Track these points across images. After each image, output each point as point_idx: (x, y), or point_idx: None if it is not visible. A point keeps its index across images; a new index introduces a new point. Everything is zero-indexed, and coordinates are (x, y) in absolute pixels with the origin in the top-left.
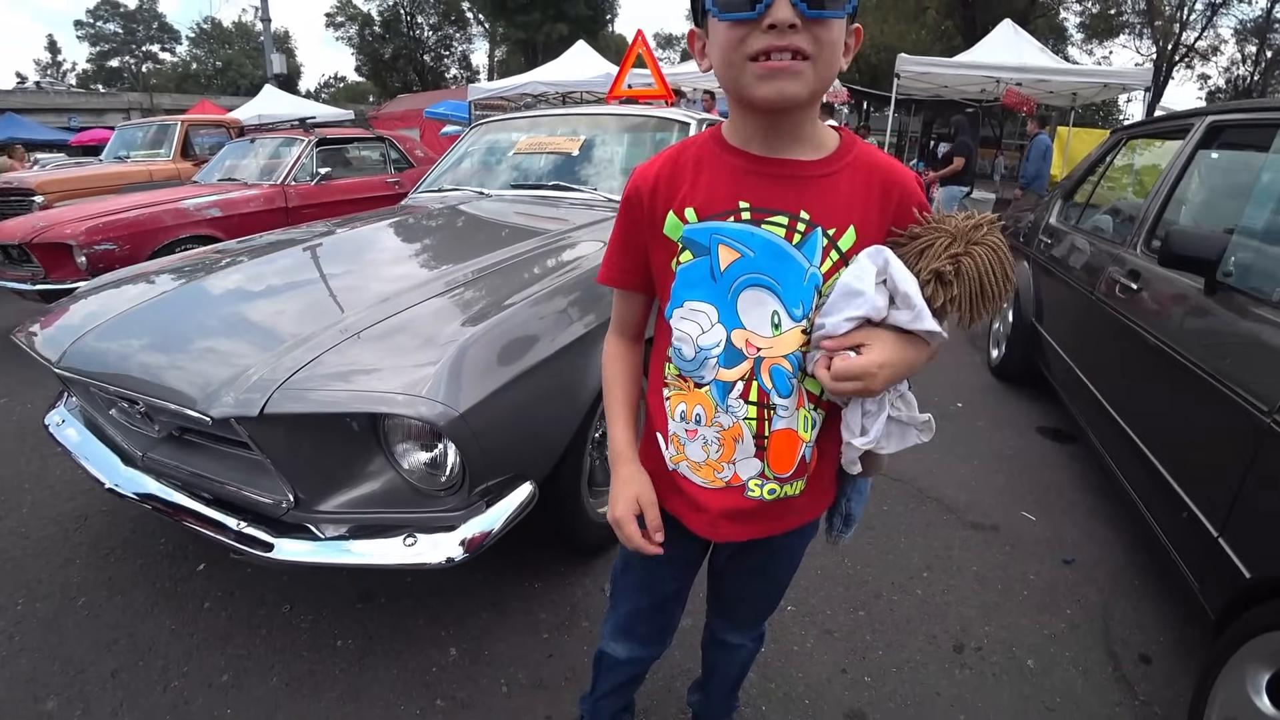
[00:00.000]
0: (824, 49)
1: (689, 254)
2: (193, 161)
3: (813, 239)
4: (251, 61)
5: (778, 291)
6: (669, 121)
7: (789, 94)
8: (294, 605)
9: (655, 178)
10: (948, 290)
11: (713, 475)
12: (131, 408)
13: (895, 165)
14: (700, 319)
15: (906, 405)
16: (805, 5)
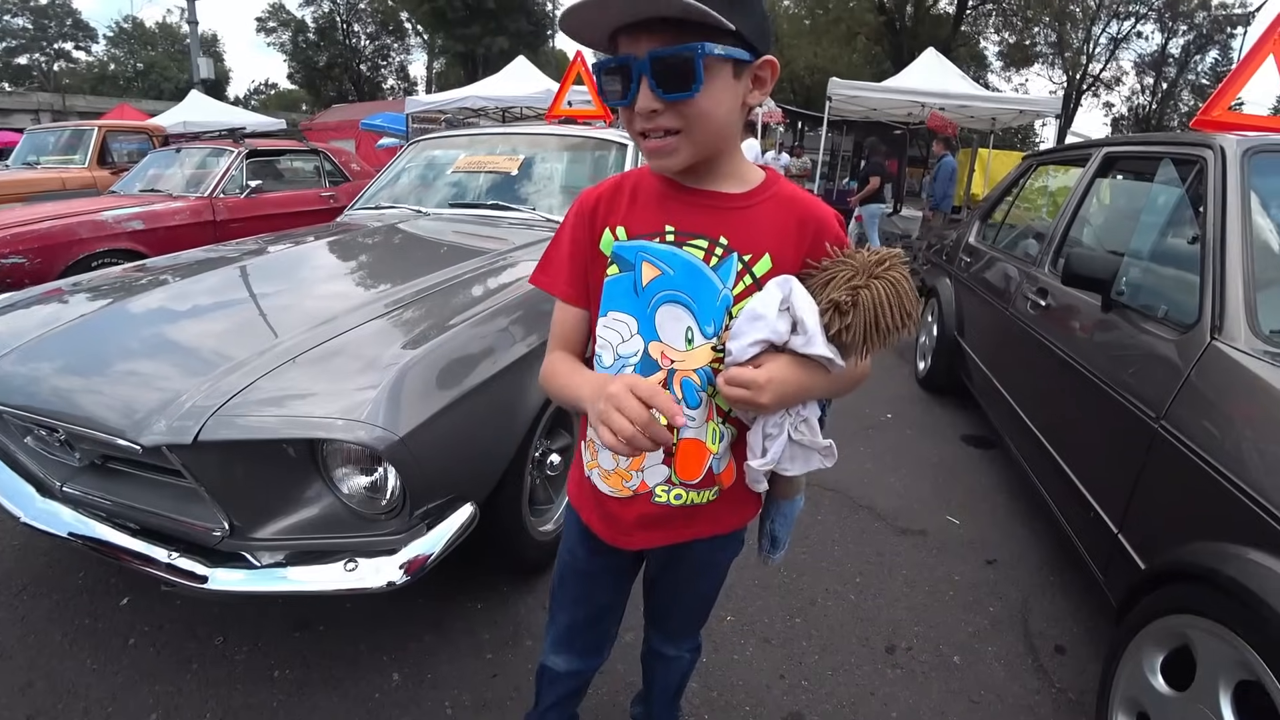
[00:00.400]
0: (693, 121)
1: (616, 268)
2: (111, 170)
3: (728, 263)
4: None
5: (693, 309)
6: (607, 142)
7: (668, 167)
8: (227, 637)
9: (598, 197)
10: (844, 319)
11: (620, 484)
12: (50, 436)
13: (813, 201)
14: (621, 329)
15: (809, 430)
16: (661, 91)
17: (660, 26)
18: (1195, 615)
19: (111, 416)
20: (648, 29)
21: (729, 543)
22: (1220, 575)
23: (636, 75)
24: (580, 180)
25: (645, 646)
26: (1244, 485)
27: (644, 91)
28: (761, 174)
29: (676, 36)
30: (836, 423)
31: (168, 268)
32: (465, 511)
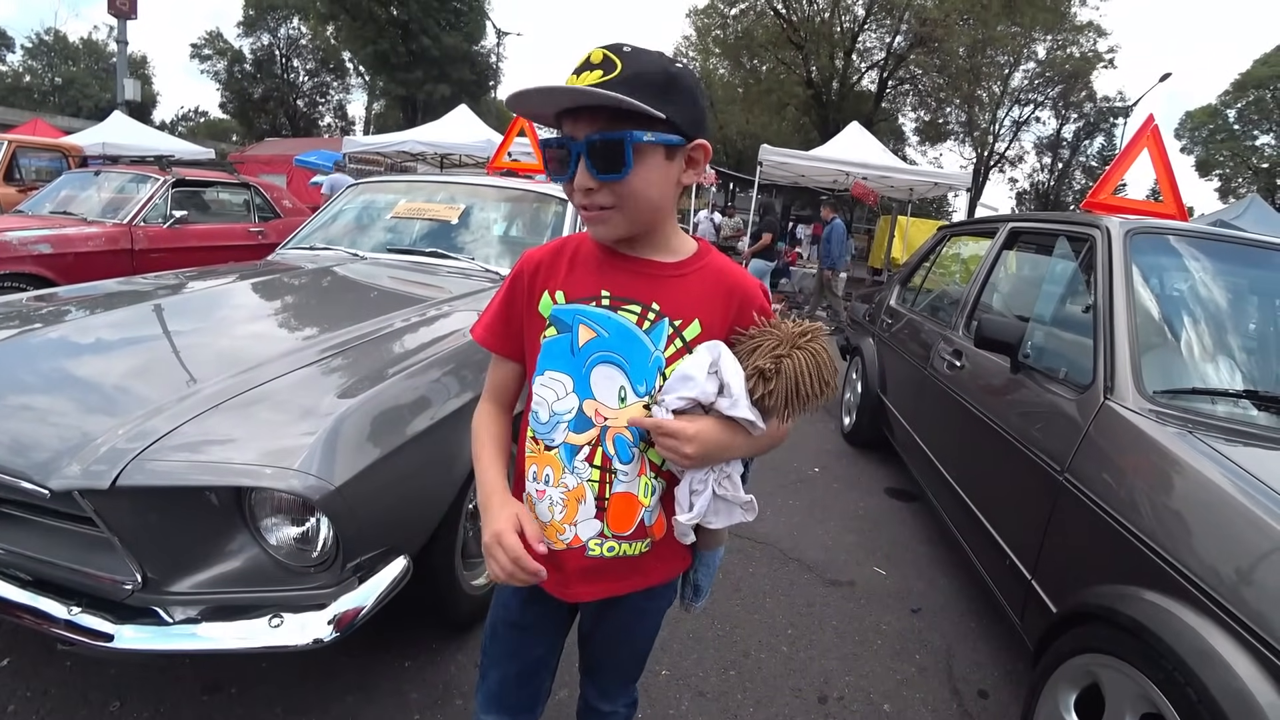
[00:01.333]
0: (625, 198)
1: (553, 330)
2: (18, 187)
3: (660, 327)
4: (99, 83)
5: (626, 369)
6: (547, 197)
7: (605, 236)
8: (124, 701)
9: (538, 261)
10: (766, 385)
11: (555, 537)
12: None
13: (741, 273)
14: (557, 387)
15: (732, 485)
16: (595, 171)
17: (598, 113)
18: (1101, 654)
19: (17, 458)
20: (588, 114)
21: (661, 593)
22: (1120, 615)
23: (575, 155)
24: (519, 232)
25: (580, 703)
26: (1137, 531)
27: (581, 171)
28: (694, 245)
29: (611, 123)
30: (767, 476)
31: (82, 298)
32: (399, 564)
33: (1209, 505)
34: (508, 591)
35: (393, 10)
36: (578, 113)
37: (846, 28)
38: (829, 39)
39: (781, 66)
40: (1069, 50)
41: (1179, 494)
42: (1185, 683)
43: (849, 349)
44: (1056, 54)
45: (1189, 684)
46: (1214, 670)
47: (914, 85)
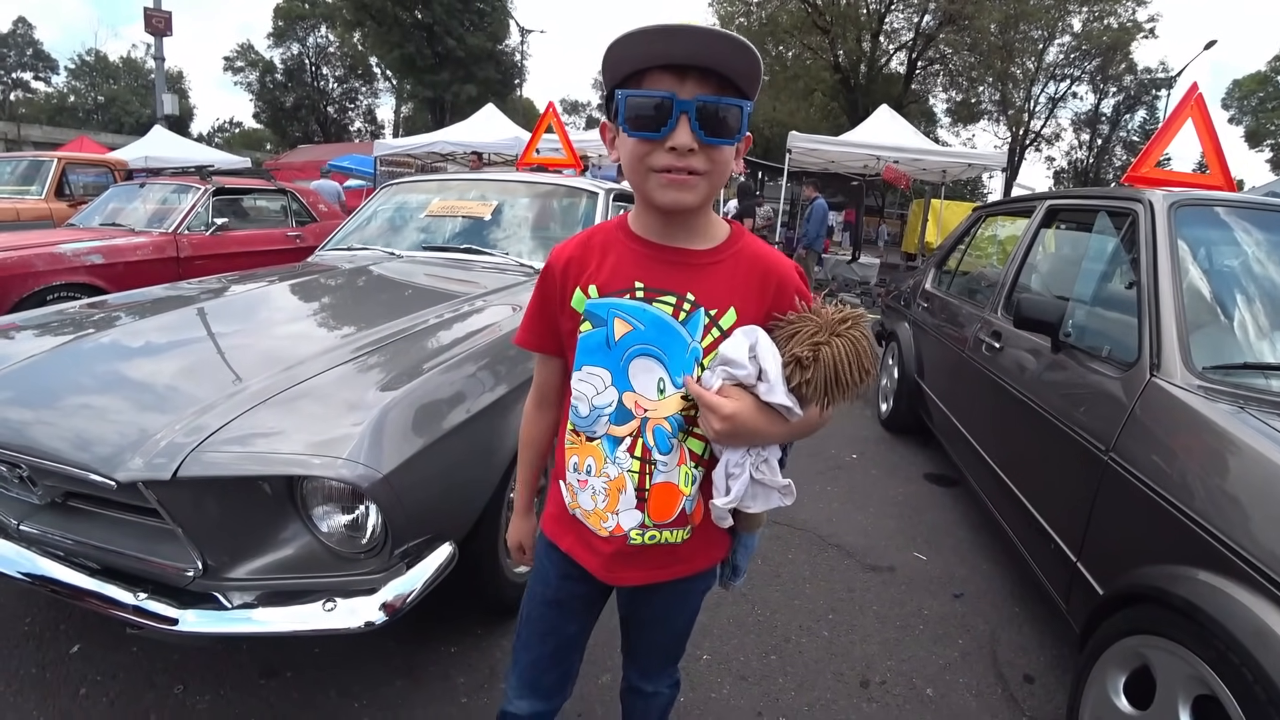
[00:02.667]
0: (716, 167)
1: (589, 324)
2: (69, 202)
3: (696, 317)
4: (139, 99)
5: (664, 361)
6: (577, 190)
7: (684, 203)
8: (188, 685)
9: (568, 258)
10: (804, 373)
11: (599, 524)
12: (10, 472)
13: (776, 257)
14: (596, 381)
15: (770, 470)
16: (703, 133)
17: (708, 76)
18: (1152, 635)
19: (84, 453)
20: (699, 75)
21: (701, 577)
22: (1172, 596)
23: (679, 113)
24: (551, 225)
25: (624, 684)
26: (1188, 510)
27: (685, 130)
28: (727, 229)
29: (720, 89)
30: (804, 463)
31: (134, 305)
32: (444, 551)
33: (1265, 483)
34: (545, 569)
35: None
36: (685, 71)
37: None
38: (855, 21)
39: (807, 52)
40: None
41: (1233, 472)
42: (1240, 663)
43: (884, 334)
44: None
45: (1244, 664)
46: (1271, 649)
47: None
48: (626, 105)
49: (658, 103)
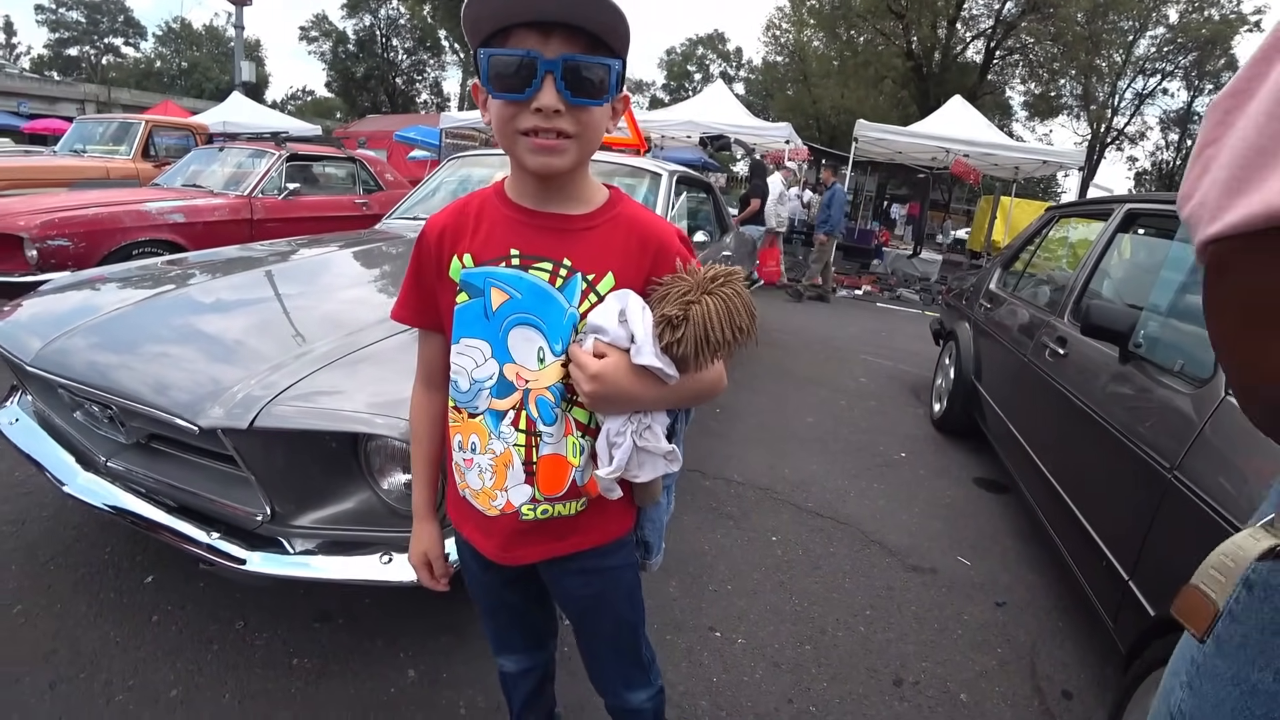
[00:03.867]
0: (586, 129)
1: (465, 295)
2: (154, 163)
3: (573, 283)
4: (219, 66)
5: (542, 329)
6: (640, 171)
7: (554, 168)
8: (248, 622)
9: (442, 226)
10: (674, 333)
11: (488, 503)
12: (101, 412)
13: (655, 221)
14: (475, 354)
15: (653, 436)
16: (569, 93)
17: (575, 34)
18: None
19: (171, 398)
20: (565, 32)
21: (613, 551)
22: None
23: (542, 73)
24: None
25: (607, 705)
26: None
27: (549, 90)
28: (605, 193)
29: (589, 47)
30: (851, 458)
31: (210, 264)
32: None
33: None
34: (466, 557)
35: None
36: (549, 28)
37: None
38: (932, 7)
39: (880, 37)
40: (1207, 13)
41: None
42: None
43: (943, 333)
44: (1191, 17)
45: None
46: None
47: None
48: (489, 65)
49: (520, 62)
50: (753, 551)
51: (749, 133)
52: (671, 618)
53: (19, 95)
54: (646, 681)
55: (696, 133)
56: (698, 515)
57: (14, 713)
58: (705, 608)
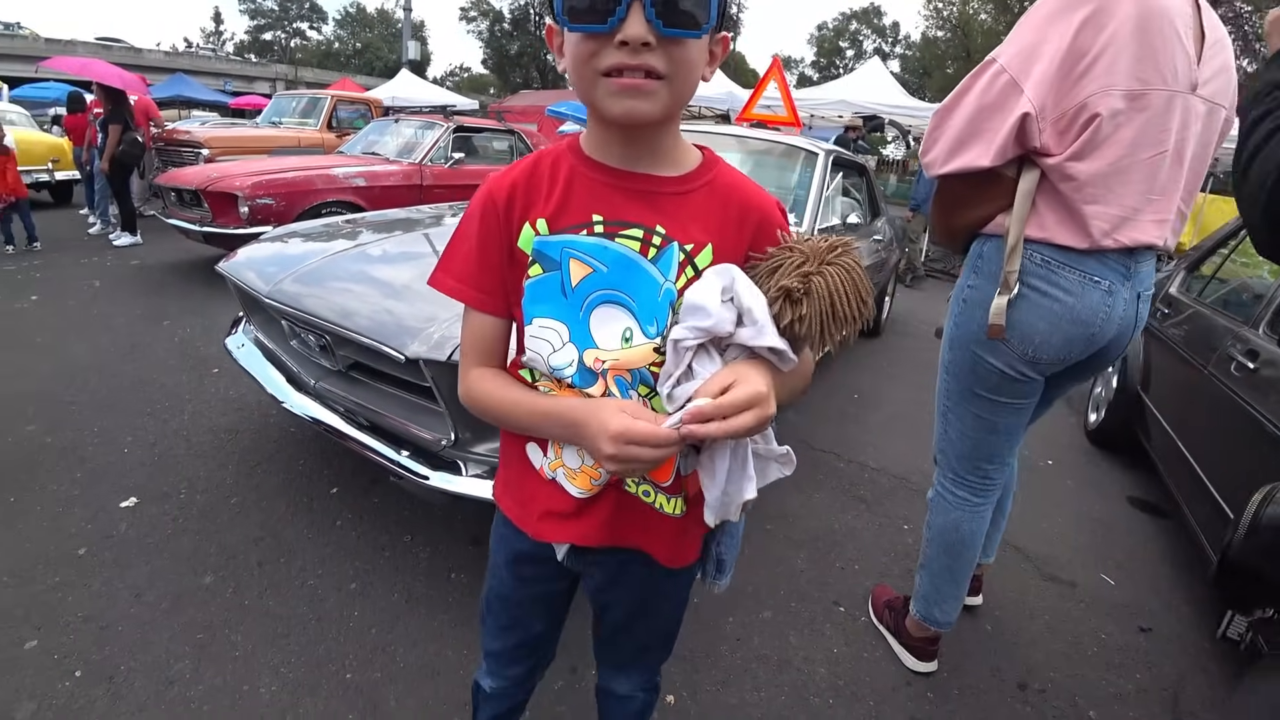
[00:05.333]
0: (679, 68)
1: (539, 268)
2: (336, 133)
3: (668, 253)
4: (388, 45)
5: (631, 308)
6: (795, 149)
7: (639, 114)
8: (414, 537)
9: (512, 185)
10: (796, 309)
11: (589, 483)
12: (315, 341)
13: (756, 189)
14: (551, 336)
15: (764, 438)
16: (661, 23)
17: None
18: None
19: (381, 330)
20: None
21: (683, 572)
22: None
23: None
24: (769, 184)
25: (598, 685)
26: None
27: (637, 18)
28: (699, 155)
29: None
30: None
31: (390, 222)
32: None
33: None
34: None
35: None
36: None
37: None
38: None
39: None
40: None
41: None
42: None
43: None
44: None
45: None
46: None
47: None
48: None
49: None
50: (883, 536)
51: (905, 113)
52: (797, 588)
53: (225, 75)
54: (650, 676)
55: (849, 112)
56: (830, 495)
57: (230, 580)
58: (831, 582)
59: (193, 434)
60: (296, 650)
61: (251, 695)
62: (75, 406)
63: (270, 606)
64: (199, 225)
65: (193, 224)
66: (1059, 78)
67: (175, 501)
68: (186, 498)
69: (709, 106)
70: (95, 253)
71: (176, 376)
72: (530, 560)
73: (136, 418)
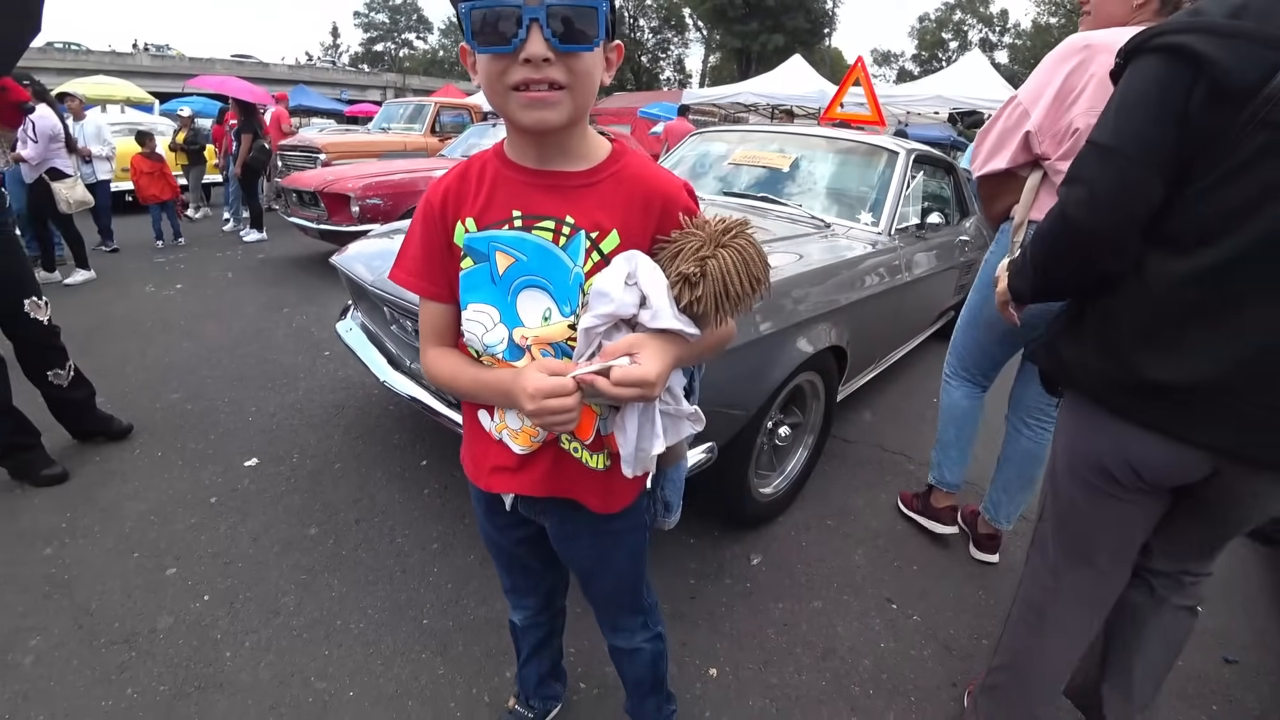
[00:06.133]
0: (578, 79)
1: (470, 260)
2: (439, 138)
3: (576, 241)
4: None
5: (550, 290)
6: (877, 149)
7: (549, 122)
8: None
9: (445, 191)
10: (693, 290)
11: (529, 441)
12: (411, 326)
13: (660, 176)
14: (484, 319)
15: (673, 398)
16: (557, 40)
17: None
18: None
19: None
20: None
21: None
22: None
23: (527, 20)
24: (848, 184)
25: (609, 648)
26: None
27: (536, 38)
28: (608, 147)
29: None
30: None
31: None
32: (707, 445)
33: None
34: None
35: None
36: None
37: None
38: None
39: None
40: None
41: None
42: None
43: None
44: None
45: None
46: None
47: None
48: (471, 19)
49: (503, 12)
50: (947, 540)
51: None
52: (851, 582)
53: (341, 85)
54: (644, 626)
55: (945, 108)
56: (895, 496)
57: (331, 536)
58: (886, 579)
59: (305, 407)
60: (383, 596)
61: (343, 630)
62: (210, 380)
63: (363, 558)
64: (316, 223)
65: (310, 222)
66: (1054, 106)
67: (288, 464)
68: (298, 461)
69: (800, 105)
70: (229, 247)
71: (293, 357)
72: (498, 510)
73: (259, 391)
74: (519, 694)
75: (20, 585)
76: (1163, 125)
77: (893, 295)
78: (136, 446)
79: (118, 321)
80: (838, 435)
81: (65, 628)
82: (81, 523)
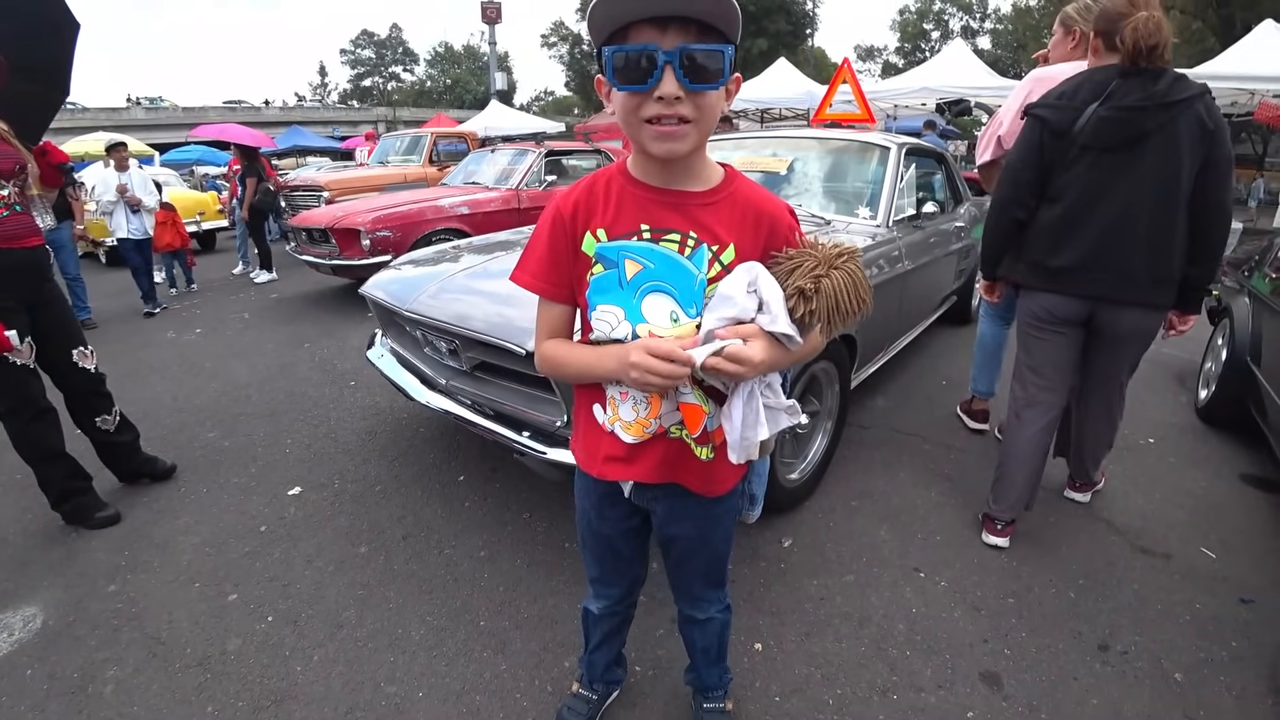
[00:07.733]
0: (704, 113)
1: (600, 267)
2: (437, 167)
3: (700, 252)
4: (475, 78)
5: (675, 295)
6: (869, 145)
7: (677, 153)
8: (532, 514)
9: (575, 203)
10: (808, 304)
11: (642, 431)
12: (445, 346)
13: (768, 198)
14: (610, 318)
15: (773, 393)
16: (688, 80)
17: (688, 25)
18: None
19: (503, 332)
20: (680, 24)
21: (724, 499)
22: None
23: (662, 64)
24: (844, 181)
25: (679, 616)
26: None
27: (670, 79)
28: (722, 172)
29: (701, 35)
30: None
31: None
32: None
33: None
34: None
35: None
36: (666, 22)
37: None
38: None
39: None
40: None
41: None
42: None
43: (1218, 310)
44: None
45: None
46: None
47: None
48: (613, 61)
49: (642, 56)
50: (966, 510)
51: (993, 94)
52: (879, 555)
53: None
54: (721, 598)
55: (932, 99)
56: (914, 474)
57: (381, 553)
58: (912, 551)
59: (339, 435)
60: (439, 603)
61: (405, 637)
62: (243, 417)
63: (415, 570)
64: (328, 259)
65: (322, 258)
66: (1015, 119)
67: (331, 489)
68: (340, 486)
69: (789, 108)
70: (241, 290)
71: (320, 389)
72: (608, 500)
73: (293, 423)
74: (583, 678)
75: (90, 622)
76: (1034, 151)
77: (895, 284)
78: (181, 485)
79: (145, 368)
80: (854, 422)
81: (140, 657)
82: (141, 559)
